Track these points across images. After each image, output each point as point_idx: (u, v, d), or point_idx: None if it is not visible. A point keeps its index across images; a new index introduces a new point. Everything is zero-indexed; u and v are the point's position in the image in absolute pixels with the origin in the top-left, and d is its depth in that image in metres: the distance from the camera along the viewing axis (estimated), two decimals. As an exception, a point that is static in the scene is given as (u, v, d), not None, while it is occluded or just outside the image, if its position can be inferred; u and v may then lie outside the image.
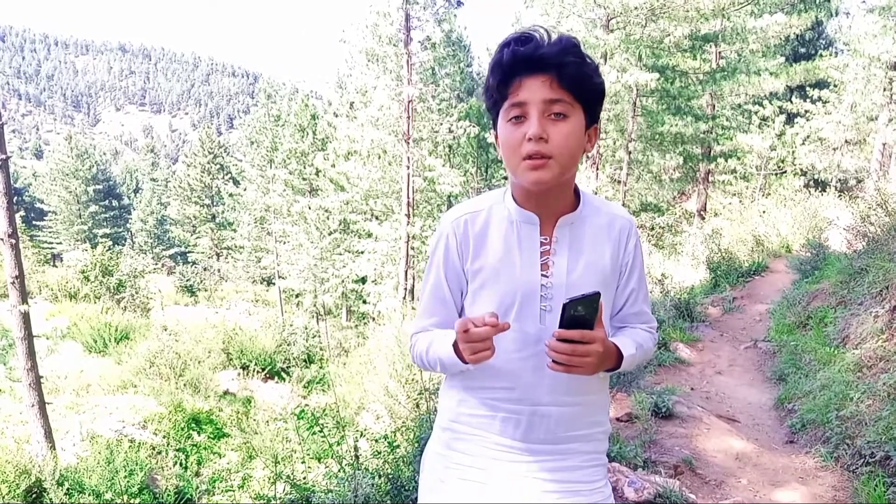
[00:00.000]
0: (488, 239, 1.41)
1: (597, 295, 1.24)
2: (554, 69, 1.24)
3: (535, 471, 1.40)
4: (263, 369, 14.37)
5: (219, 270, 38.34)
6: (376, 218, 22.36)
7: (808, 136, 19.21)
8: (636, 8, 13.44)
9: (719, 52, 17.01)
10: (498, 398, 1.41)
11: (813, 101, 19.45)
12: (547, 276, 1.38)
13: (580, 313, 1.24)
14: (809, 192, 15.79)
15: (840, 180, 19.43)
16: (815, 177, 19.42)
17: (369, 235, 21.16)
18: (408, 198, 17.84)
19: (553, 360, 1.27)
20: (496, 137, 1.38)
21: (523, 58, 1.25)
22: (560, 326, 1.25)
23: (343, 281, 23.78)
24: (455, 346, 1.32)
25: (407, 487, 3.38)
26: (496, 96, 1.32)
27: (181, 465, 8.82)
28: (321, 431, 4.22)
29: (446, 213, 1.48)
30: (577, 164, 1.35)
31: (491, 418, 1.42)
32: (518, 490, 1.40)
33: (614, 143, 16.79)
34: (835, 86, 19.12)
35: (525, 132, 1.27)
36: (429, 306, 1.50)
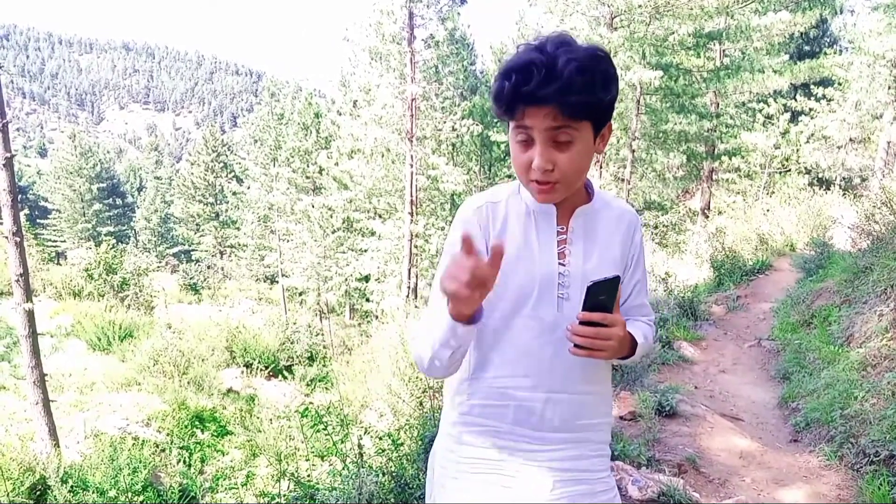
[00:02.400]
0: (507, 228, 1.42)
1: (617, 279, 1.28)
2: (556, 103, 1.22)
3: (547, 460, 1.41)
4: (267, 367, 14.41)
5: (222, 269, 38.41)
6: (379, 216, 22.38)
7: (812, 135, 19.16)
8: (640, 6, 13.41)
9: (723, 50, 16.96)
10: (512, 386, 1.41)
11: (817, 99, 19.39)
12: (564, 265, 1.40)
13: (602, 297, 1.27)
14: (814, 190, 15.75)
15: (844, 178, 19.37)
16: (820, 175, 19.37)
17: (372, 234, 21.19)
18: (411, 196, 17.84)
19: (575, 345, 1.29)
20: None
21: (526, 94, 1.23)
22: (583, 310, 1.28)
23: (346, 279, 23.80)
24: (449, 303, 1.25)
25: (411, 485, 3.38)
26: (503, 117, 1.32)
27: (185, 462, 8.83)
28: (325, 429, 4.22)
29: (466, 201, 1.49)
30: (585, 175, 1.37)
31: (504, 407, 1.42)
32: (529, 479, 1.41)
33: (618, 142, 16.75)
34: (839, 84, 19.06)
35: (531, 157, 1.28)
36: None
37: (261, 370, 14.07)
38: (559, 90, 1.20)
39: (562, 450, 1.42)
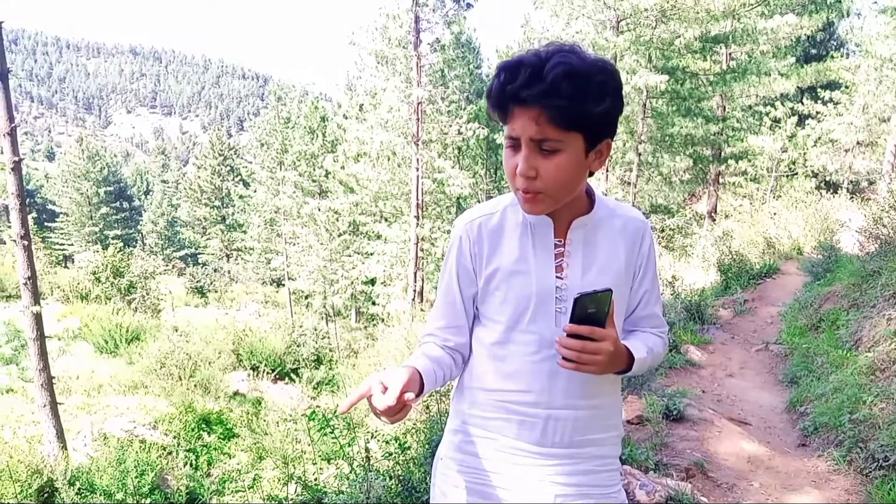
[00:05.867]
0: (503, 241, 1.39)
1: (608, 292, 1.23)
2: (541, 107, 1.19)
3: (549, 475, 1.39)
4: (273, 370, 14.42)
5: (229, 272, 38.53)
6: (385, 220, 22.41)
7: (819, 138, 19.11)
8: (646, 10, 13.39)
9: (730, 54, 16.93)
10: (513, 401, 1.39)
11: (824, 103, 19.35)
12: (562, 278, 1.36)
13: (591, 310, 1.23)
14: (821, 193, 15.72)
15: (852, 182, 19.30)
16: (827, 178, 19.31)
17: (378, 237, 21.21)
18: (417, 199, 17.86)
19: (563, 358, 1.25)
20: None
21: (511, 93, 1.20)
22: (570, 322, 1.24)
23: (352, 282, 23.84)
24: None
25: (418, 489, 3.38)
26: (498, 119, 1.29)
27: (191, 465, 8.86)
28: (332, 433, 4.22)
29: (460, 216, 1.47)
30: (575, 190, 1.32)
31: (506, 421, 1.40)
32: (532, 495, 1.39)
33: (624, 145, 16.73)
34: (846, 87, 19.01)
35: (517, 162, 1.25)
36: (439, 310, 1.49)
37: (267, 373, 14.09)
38: (543, 93, 1.17)
39: (567, 465, 1.39)
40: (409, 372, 1.29)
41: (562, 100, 1.17)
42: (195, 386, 12.07)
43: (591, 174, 1.33)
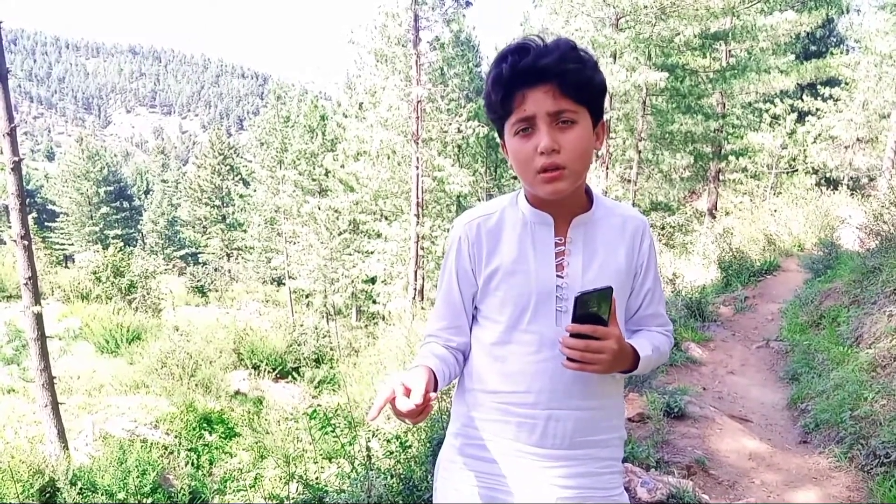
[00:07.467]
0: (502, 240, 1.39)
1: (609, 289, 1.23)
2: (555, 78, 1.23)
3: (550, 477, 1.38)
4: (274, 369, 14.41)
5: (229, 271, 38.49)
6: (386, 218, 22.41)
7: (819, 135, 19.09)
8: (645, 7, 13.38)
9: (729, 51, 16.92)
10: (513, 402, 1.38)
11: (824, 99, 19.34)
12: (562, 277, 1.36)
13: (593, 308, 1.22)
14: (821, 190, 15.71)
15: (852, 178, 19.29)
16: (827, 175, 19.30)
17: (379, 236, 21.21)
18: (417, 198, 17.86)
19: (567, 358, 1.25)
20: (503, 147, 1.37)
21: (523, 70, 1.23)
22: (573, 321, 1.23)
23: (353, 281, 23.85)
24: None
25: (419, 487, 3.38)
26: (500, 111, 1.30)
27: (193, 464, 8.85)
28: (333, 431, 4.22)
29: (459, 216, 1.47)
30: (588, 168, 1.34)
31: (505, 423, 1.39)
32: (533, 496, 1.38)
33: (624, 143, 16.71)
34: (846, 83, 19.00)
35: (536, 145, 1.26)
36: (440, 311, 1.49)
37: (268, 372, 14.07)
38: (559, 59, 1.22)
39: (567, 467, 1.38)
40: (427, 372, 1.31)
41: (574, 67, 1.24)
42: (196, 385, 12.06)
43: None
